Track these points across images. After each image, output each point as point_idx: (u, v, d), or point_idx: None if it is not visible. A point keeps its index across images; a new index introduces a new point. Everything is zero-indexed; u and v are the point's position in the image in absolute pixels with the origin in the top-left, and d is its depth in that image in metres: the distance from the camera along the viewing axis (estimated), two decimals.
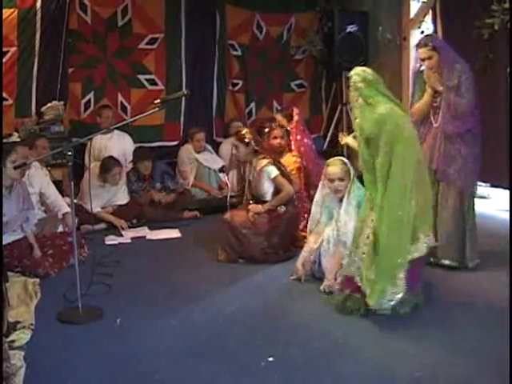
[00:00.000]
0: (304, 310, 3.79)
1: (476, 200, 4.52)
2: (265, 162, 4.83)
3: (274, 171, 4.83)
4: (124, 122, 4.70)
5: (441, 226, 4.37)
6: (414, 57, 7.15)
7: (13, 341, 3.29)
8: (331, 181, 4.15)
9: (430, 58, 4.32)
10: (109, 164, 5.93)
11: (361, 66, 3.80)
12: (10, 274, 4.23)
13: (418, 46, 4.39)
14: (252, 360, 3.15)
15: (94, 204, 5.14)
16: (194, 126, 7.09)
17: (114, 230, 5.76)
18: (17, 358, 3.08)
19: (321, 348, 3.29)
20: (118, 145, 6.50)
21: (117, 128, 6.25)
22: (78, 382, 2.97)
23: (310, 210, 4.49)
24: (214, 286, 4.27)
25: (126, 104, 7.26)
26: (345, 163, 4.15)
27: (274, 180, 4.85)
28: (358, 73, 3.63)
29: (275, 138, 5.46)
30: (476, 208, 4.52)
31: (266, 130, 5.51)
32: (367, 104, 3.56)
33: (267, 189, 4.89)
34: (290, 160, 5.43)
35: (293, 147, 5.58)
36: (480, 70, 5.62)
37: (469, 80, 4.27)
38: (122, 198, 6.12)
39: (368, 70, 3.66)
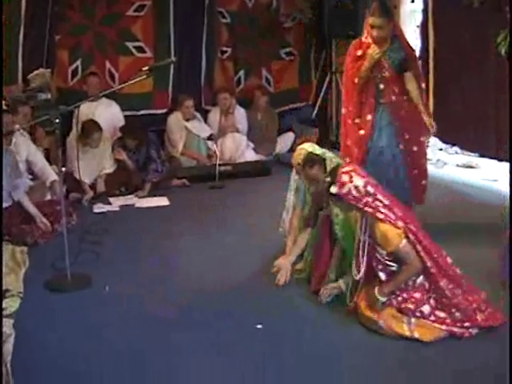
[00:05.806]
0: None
1: (464, 170, 4.20)
2: None
3: None
4: (111, 90, 4.66)
5: None
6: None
7: (3, 308, 3.30)
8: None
9: None
10: (89, 128, 5.84)
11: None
12: None
13: None
14: (239, 328, 3.19)
15: (82, 172, 5.18)
16: (183, 93, 7.05)
17: (102, 198, 5.74)
18: (6, 326, 3.10)
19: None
20: (105, 113, 6.43)
21: (105, 95, 6.19)
22: (65, 349, 3.00)
23: None
24: (202, 255, 4.29)
25: (113, 72, 7.17)
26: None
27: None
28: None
29: None
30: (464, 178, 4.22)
31: None
32: None
33: None
34: None
35: None
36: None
37: None
38: (109, 166, 6.05)
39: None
